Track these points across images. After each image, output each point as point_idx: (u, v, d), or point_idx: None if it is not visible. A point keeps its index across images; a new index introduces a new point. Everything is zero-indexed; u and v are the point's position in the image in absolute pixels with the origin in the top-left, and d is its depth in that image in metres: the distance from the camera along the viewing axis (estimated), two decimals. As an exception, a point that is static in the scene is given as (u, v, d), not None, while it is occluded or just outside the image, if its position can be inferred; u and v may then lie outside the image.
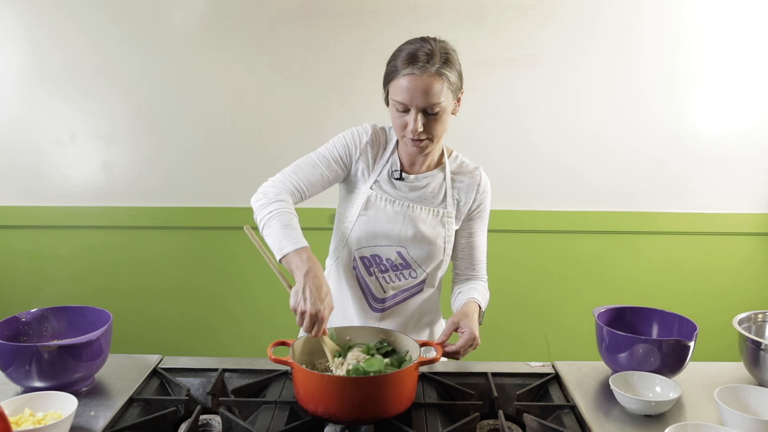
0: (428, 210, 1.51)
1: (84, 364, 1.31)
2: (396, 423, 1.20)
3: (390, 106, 1.43)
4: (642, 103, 2.52)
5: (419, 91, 1.35)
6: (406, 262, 1.52)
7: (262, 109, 2.51)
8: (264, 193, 1.42)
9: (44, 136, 2.53)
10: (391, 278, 1.53)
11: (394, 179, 1.50)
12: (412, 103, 1.36)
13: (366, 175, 1.51)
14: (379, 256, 1.52)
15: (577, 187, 2.59)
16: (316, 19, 2.44)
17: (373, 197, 1.49)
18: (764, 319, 1.53)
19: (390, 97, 1.41)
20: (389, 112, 1.45)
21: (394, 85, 1.38)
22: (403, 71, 1.36)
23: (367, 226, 1.50)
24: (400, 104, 1.38)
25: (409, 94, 1.35)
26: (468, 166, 1.58)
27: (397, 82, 1.37)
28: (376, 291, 1.54)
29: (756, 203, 2.62)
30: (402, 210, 1.49)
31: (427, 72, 1.34)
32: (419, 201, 1.51)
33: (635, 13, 2.45)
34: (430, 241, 1.51)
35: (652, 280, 2.67)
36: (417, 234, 1.49)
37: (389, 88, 1.41)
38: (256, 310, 2.69)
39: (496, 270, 2.64)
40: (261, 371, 1.44)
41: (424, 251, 1.51)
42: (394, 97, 1.39)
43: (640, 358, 1.37)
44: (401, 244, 1.50)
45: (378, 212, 1.49)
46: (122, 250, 2.63)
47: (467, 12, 2.43)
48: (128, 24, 2.44)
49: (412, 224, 1.49)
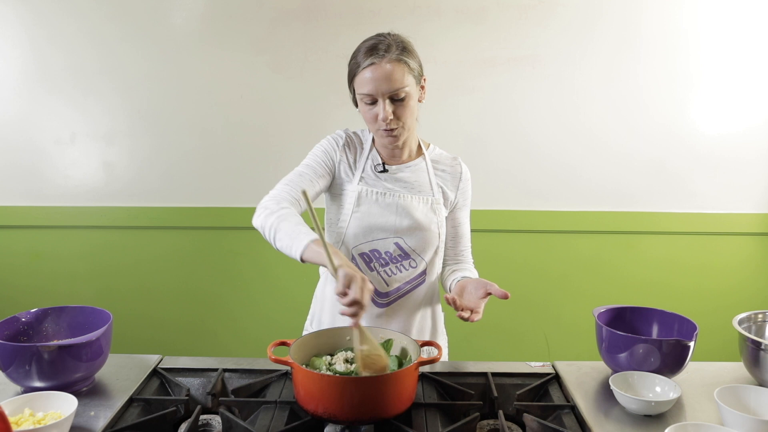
0: (418, 198, 1.55)
1: (84, 364, 1.31)
2: (396, 423, 1.20)
3: (359, 103, 1.47)
4: (642, 103, 2.52)
5: (382, 79, 1.39)
6: (405, 252, 1.54)
7: (262, 108, 2.52)
8: (265, 207, 1.42)
9: (44, 136, 2.53)
10: (393, 271, 1.55)
11: (378, 172, 1.54)
12: (378, 92, 1.41)
13: (350, 175, 1.54)
14: (378, 250, 1.53)
15: (577, 187, 2.59)
16: (316, 19, 2.44)
17: (364, 192, 1.52)
18: (764, 319, 1.53)
19: (357, 93, 1.45)
20: (359, 110, 1.49)
21: (359, 80, 1.43)
22: (363, 63, 1.41)
23: (361, 222, 1.51)
24: (367, 96, 1.42)
25: (374, 84, 1.40)
26: (446, 156, 1.63)
27: (360, 75, 1.42)
28: (379, 286, 1.55)
29: (756, 203, 2.62)
30: (394, 201, 1.52)
31: (386, 59, 1.40)
32: (408, 190, 1.55)
33: (635, 13, 2.45)
34: (424, 227, 1.54)
35: (652, 279, 2.67)
36: (412, 222, 1.52)
37: (354, 85, 1.46)
38: (256, 310, 2.69)
39: (497, 270, 2.65)
40: (261, 371, 1.44)
41: (421, 239, 1.54)
42: (360, 91, 1.43)
43: (640, 358, 1.37)
44: (398, 235, 1.53)
45: (371, 206, 1.52)
46: (122, 250, 2.63)
47: (467, 12, 2.43)
48: (128, 24, 2.44)
49: (406, 213, 1.52)
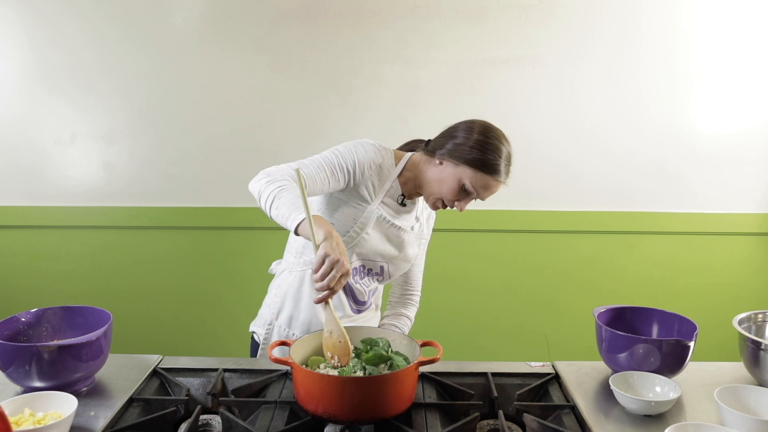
0: (415, 234, 1.62)
1: (84, 364, 1.31)
2: (396, 423, 1.20)
3: (451, 176, 1.45)
4: (642, 103, 2.52)
5: (491, 192, 1.48)
6: (384, 273, 1.62)
7: (262, 108, 2.51)
8: (268, 174, 1.36)
9: (44, 136, 2.53)
10: (366, 283, 1.62)
11: (399, 203, 1.57)
12: (480, 197, 1.48)
13: (372, 195, 1.52)
14: (365, 267, 1.59)
15: (577, 187, 2.59)
16: (316, 19, 2.44)
17: (382, 218, 1.53)
18: (764, 319, 1.53)
19: (463, 175, 1.44)
20: (441, 171, 1.47)
21: (481, 177, 1.44)
22: (496, 175, 1.44)
23: (369, 244, 1.54)
24: (470, 190, 1.46)
25: (486, 192, 1.47)
26: None
27: (485, 177, 1.44)
28: (359, 295, 1.61)
29: (756, 203, 2.62)
30: (399, 233, 1.58)
31: (503, 182, 1.48)
32: (409, 225, 1.60)
33: (635, 13, 2.45)
34: (410, 260, 1.65)
35: (652, 279, 2.67)
36: (403, 255, 1.61)
37: (465, 168, 1.43)
38: (256, 311, 2.68)
39: (497, 270, 2.66)
40: (261, 371, 1.44)
41: (400, 267, 1.64)
42: (470, 182, 1.44)
43: (640, 358, 1.37)
44: (386, 261, 1.60)
45: (383, 233, 1.55)
46: (122, 250, 2.63)
47: (467, 12, 2.43)
48: (128, 24, 2.44)
49: (402, 247, 1.61)
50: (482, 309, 2.69)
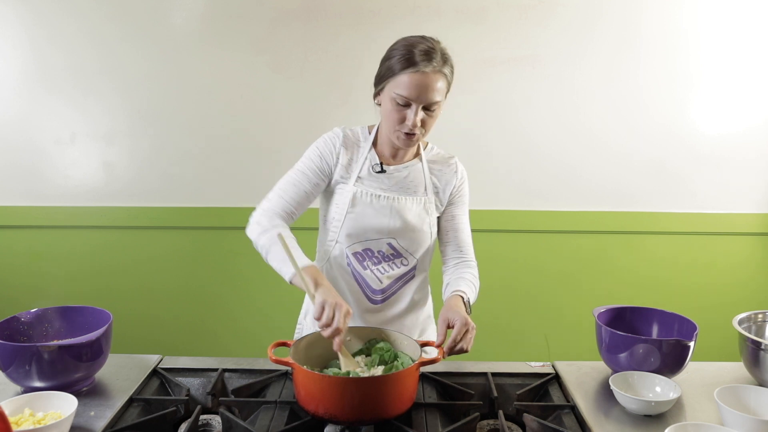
0: (412, 199, 1.56)
1: (84, 364, 1.31)
2: (396, 423, 1.20)
3: (387, 101, 1.45)
4: (642, 103, 2.52)
5: (424, 88, 1.40)
6: (397, 251, 1.57)
7: (262, 108, 2.51)
8: (258, 222, 1.48)
9: (44, 136, 2.53)
10: (385, 269, 1.57)
11: (376, 173, 1.54)
12: (417, 99, 1.40)
13: (346, 175, 1.54)
14: (371, 249, 1.55)
15: (577, 187, 2.59)
16: (316, 19, 2.44)
17: (359, 194, 1.52)
18: (764, 319, 1.53)
19: (391, 92, 1.43)
20: (383, 106, 1.48)
21: (399, 80, 1.41)
22: (408, 68, 1.39)
23: (356, 223, 1.53)
24: (403, 98, 1.41)
25: (416, 90, 1.39)
26: (443, 156, 1.63)
27: (401, 77, 1.40)
28: (373, 283, 1.57)
29: (756, 203, 2.62)
30: (388, 203, 1.53)
31: (433, 69, 1.40)
32: (403, 192, 1.55)
33: (635, 13, 2.45)
34: (417, 229, 1.56)
35: (652, 279, 2.67)
36: (405, 224, 1.54)
37: (388, 84, 1.44)
38: (256, 311, 2.69)
39: (497, 270, 2.66)
40: (261, 371, 1.44)
41: (413, 239, 1.56)
42: (397, 91, 1.41)
43: (640, 358, 1.37)
44: (391, 236, 1.55)
45: (365, 208, 1.53)
46: (122, 250, 2.63)
47: (467, 12, 2.43)
48: (128, 24, 2.44)
49: (400, 216, 1.53)
50: (482, 309, 2.67)
